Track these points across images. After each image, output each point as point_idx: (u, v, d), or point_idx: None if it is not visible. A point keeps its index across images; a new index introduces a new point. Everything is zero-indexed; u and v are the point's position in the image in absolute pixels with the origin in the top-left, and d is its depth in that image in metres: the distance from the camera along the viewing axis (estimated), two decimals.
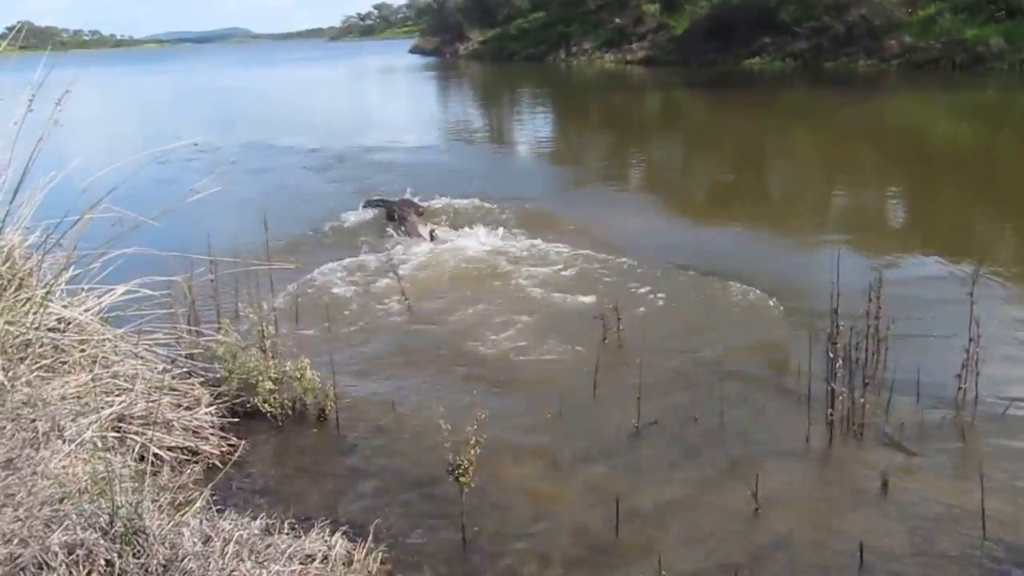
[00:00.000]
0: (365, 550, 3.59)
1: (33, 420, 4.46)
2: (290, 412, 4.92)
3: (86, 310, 5.17)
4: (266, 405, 4.84)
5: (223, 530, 3.41)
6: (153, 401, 4.72)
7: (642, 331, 5.95)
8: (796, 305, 6.34)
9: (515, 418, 4.83)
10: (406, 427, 4.83)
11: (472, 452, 3.70)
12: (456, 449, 3.79)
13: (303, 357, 4.95)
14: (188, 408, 4.80)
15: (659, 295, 6.78)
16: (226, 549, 3.27)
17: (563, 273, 7.48)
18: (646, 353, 5.60)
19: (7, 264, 4.99)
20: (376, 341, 6.08)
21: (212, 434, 4.67)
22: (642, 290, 6.89)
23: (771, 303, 6.55)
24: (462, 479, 3.74)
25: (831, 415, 4.58)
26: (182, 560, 3.16)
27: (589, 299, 6.67)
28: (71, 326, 5.04)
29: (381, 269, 7.21)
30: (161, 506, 3.54)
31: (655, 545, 3.72)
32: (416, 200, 9.82)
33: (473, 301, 6.83)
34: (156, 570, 3.14)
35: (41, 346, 4.86)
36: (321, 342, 5.83)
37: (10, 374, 4.55)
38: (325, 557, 3.50)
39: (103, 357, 4.97)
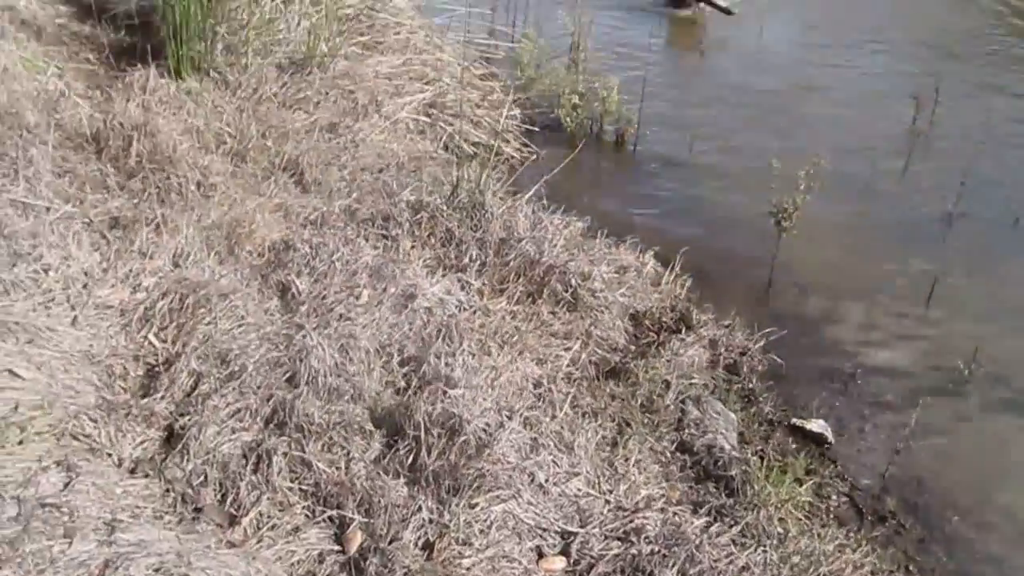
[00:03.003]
0: (673, 275, 3.57)
1: (352, 91, 4.61)
2: (588, 132, 4.84)
3: None
4: (568, 120, 4.78)
5: (553, 223, 3.46)
6: (461, 94, 4.76)
7: (960, 117, 5.35)
8: None
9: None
10: (710, 167, 4.67)
11: (802, 198, 3.52)
12: (771, 196, 3.64)
13: (611, 77, 4.80)
14: (492, 108, 4.82)
15: (986, 79, 6.02)
16: (555, 240, 3.33)
17: (871, 52, 6.74)
18: (963, 141, 5.10)
19: None
20: (681, 83, 5.76)
21: (514, 138, 4.70)
22: (963, 75, 6.12)
23: None
24: (784, 223, 3.59)
25: None
26: (518, 241, 3.24)
27: (899, 78, 6.03)
28: (387, 6, 5.08)
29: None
30: (494, 192, 3.58)
31: (967, 325, 3.55)
32: None
33: (779, 68, 6.22)
34: (492, 245, 3.23)
35: (359, 22, 4.94)
36: (628, 75, 5.51)
37: (330, 44, 4.66)
38: (638, 271, 3.52)
39: (414, 45, 5.02)
